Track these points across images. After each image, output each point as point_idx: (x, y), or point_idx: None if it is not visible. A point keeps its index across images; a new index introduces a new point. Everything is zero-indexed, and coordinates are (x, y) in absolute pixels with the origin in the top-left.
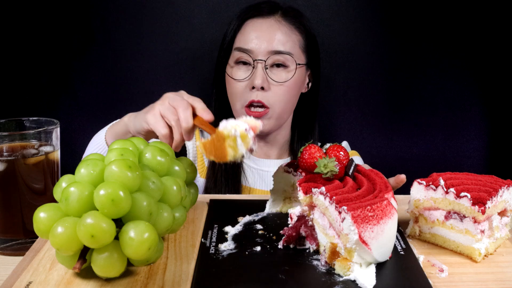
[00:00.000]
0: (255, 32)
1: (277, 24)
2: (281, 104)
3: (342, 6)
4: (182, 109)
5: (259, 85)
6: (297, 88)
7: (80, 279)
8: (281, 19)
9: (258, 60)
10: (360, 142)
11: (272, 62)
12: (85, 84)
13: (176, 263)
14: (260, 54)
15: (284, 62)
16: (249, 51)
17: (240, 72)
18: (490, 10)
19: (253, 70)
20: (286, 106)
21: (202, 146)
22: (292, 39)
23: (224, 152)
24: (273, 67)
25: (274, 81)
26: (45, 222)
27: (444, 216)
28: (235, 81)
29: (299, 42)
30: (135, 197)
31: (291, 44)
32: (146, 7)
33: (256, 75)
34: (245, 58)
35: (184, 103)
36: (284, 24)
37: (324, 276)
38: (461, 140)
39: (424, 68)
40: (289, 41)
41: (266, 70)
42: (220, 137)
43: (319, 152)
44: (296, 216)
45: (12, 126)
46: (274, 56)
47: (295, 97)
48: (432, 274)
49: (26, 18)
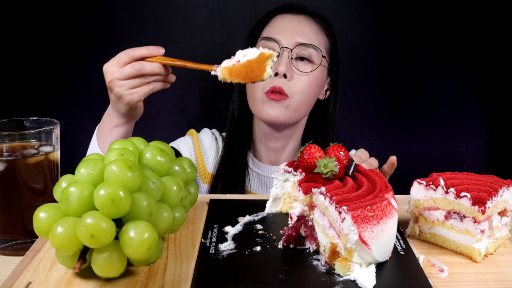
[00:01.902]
0: (283, 24)
1: (306, 20)
2: (300, 97)
3: (342, 6)
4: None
5: (283, 71)
6: (318, 86)
7: (80, 279)
8: (310, 18)
9: (284, 48)
10: (360, 142)
11: (298, 54)
12: (85, 84)
13: (176, 263)
14: (287, 43)
15: (310, 56)
16: (277, 40)
17: None
18: (490, 10)
19: (278, 58)
20: (305, 100)
21: (228, 71)
22: (319, 38)
23: (262, 71)
24: (297, 60)
25: (298, 70)
26: (45, 222)
27: (444, 216)
28: None
29: (325, 44)
30: (135, 197)
31: (317, 42)
32: (146, 7)
33: (281, 62)
34: (271, 47)
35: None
36: (313, 23)
37: (324, 276)
38: (461, 140)
39: (424, 68)
40: (316, 38)
41: (291, 60)
42: (262, 58)
43: (319, 152)
44: (296, 216)
45: (12, 126)
46: (301, 47)
47: (314, 97)
48: (432, 274)
49: (26, 18)
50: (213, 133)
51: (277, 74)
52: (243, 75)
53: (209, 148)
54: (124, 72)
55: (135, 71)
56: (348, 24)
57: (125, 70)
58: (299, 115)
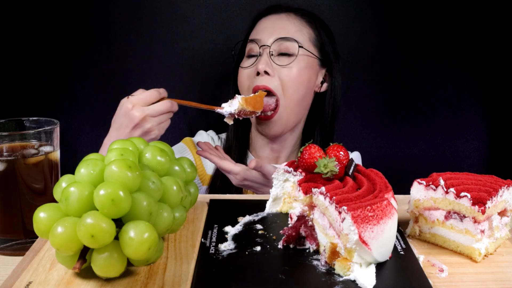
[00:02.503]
0: (264, 24)
1: (287, 17)
2: (290, 91)
3: (342, 6)
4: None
5: (262, 69)
6: (305, 77)
7: (80, 279)
8: (291, 14)
9: (263, 46)
10: (360, 142)
11: (278, 49)
12: (85, 84)
13: (176, 263)
14: (266, 41)
15: (288, 49)
16: (257, 40)
17: (248, 62)
18: (490, 10)
19: (258, 57)
20: (295, 95)
21: (244, 100)
22: (302, 31)
23: (261, 104)
24: (279, 55)
25: (277, 64)
26: (45, 222)
27: (444, 216)
28: (242, 69)
29: (309, 35)
30: (135, 197)
31: (299, 35)
32: (146, 7)
33: (260, 60)
34: (254, 49)
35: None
36: (294, 17)
37: (324, 276)
38: (461, 140)
39: (424, 68)
40: (298, 31)
41: (271, 57)
42: (261, 94)
43: (319, 152)
44: (296, 216)
45: (12, 126)
46: (279, 42)
47: (306, 90)
48: (432, 274)
49: (26, 18)
50: (208, 134)
51: (259, 73)
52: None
53: None
54: (158, 109)
55: (166, 108)
56: (348, 24)
57: (157, 108)
58: (295, 116)
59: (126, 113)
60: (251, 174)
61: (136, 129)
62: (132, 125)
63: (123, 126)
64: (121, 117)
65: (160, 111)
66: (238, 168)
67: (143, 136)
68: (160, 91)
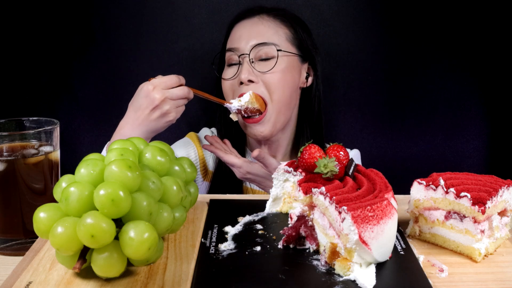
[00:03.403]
0: (239, 31)
1: (260, 20)
2: (276, 94)
3: (342, 6)
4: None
5: (246, 78)
6: (289, 78)
7: (80, 279)
8: (264, 16)
9: (242, 55)
10: (360, 142)
11: (257, 55)
12: (85, 84)
13: (176, 263)
14: (244, 49)
15: (267, 54)
16: (235, 49)
17: (229, 72)
18: (490, 10)
19: (240, 67)
20: (282, 96)
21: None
22: (278, 32)
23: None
24: (260, 61)
25: (259, 71)
26: (45, 222)
27: (444, 216)
28: (225, 81)
29: (286, 35)
30: (135, 197)
31: (276, 37)
32: (146, 7)
33: (242, 70)
34: (233, 58)
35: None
36: (267, 20)
37: (324, 276)
38: (461, 140)
39: (424, 68)
40: (275, 34)
41: (252, 64)
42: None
43: (319, 152)
44: (296, 216)
45: (12, 126)
46: (257, 48)
47: (292, 89)
48: (432, 274)
49: (26, 18)
50: (212, 131)
51: (242, 83)
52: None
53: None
54: (177, 93)
55: (184, 93)
56: (348, 24)
57: (177, 92)
58: (284, 116)
59: (146, 95)
60: (253, 167)
61: (155, 111)
62: (152, 106)
63: (143, 108)
64: (141, 98)
65: (179, 95)
66: (240, 162)
67: (161, 118)
68: (180, 78)
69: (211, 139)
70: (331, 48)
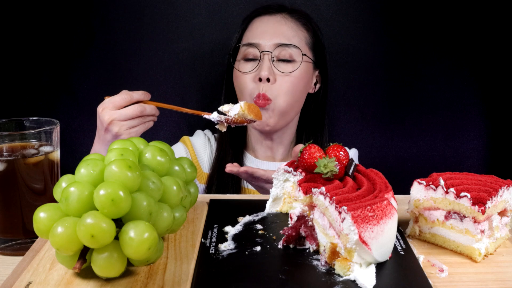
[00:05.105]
0: (262, 27)
1: (284, 20)
2: (286, 98)
3: (342, 6)
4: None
5: (266, 76)
6: (303, 83)
7: (80, 279)
8: (287, 16)
9: (265, 52)
10: (360, 142)
11: (279, 55)
12: (85, 84)
13: (176, 263)
14: (266, 46)
15: (291, 56)
16: (256, 44)
17: (247, 66)
18: (490, 10)
19: (259, 63)
20: (291, 101)
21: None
22: (299, 35)
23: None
24: (279, 61)
25: (280, 72)
26: (45, 222)
27: (444, 216)
28: (242, 74)
29: (306, 39)
30: (135, 197)
31: (297, 40)
32: (146, 7)
33: (263, 66)
34: (252, 53)
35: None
36: (290, 20)
37: (324, 276)
38: (461, 140)
39: (424, 68)
40: (296, 36)
41: (272, 63)
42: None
43: (319, 152)
44: (296, 216)
45: (12, 126)
46: (280, 49)
47: (301, 94)
48: (432, 274)
49: (26, 18)
50: (205, 134)
51: (261, 79)
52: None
53: (203, 150)
54: (125, 113)
55: (137, 112)
56: (348, 24)
57: (127, 112)
58: (289, 117)
59: (98, 116)
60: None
61: (107, 133)
62: (103, 129)
63: (99, 128)
64: (97, 119)
65: (127, 115)
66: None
67: (114, 139)
68: (134, 95)
69: (232, 167)
70: (331, 48)
